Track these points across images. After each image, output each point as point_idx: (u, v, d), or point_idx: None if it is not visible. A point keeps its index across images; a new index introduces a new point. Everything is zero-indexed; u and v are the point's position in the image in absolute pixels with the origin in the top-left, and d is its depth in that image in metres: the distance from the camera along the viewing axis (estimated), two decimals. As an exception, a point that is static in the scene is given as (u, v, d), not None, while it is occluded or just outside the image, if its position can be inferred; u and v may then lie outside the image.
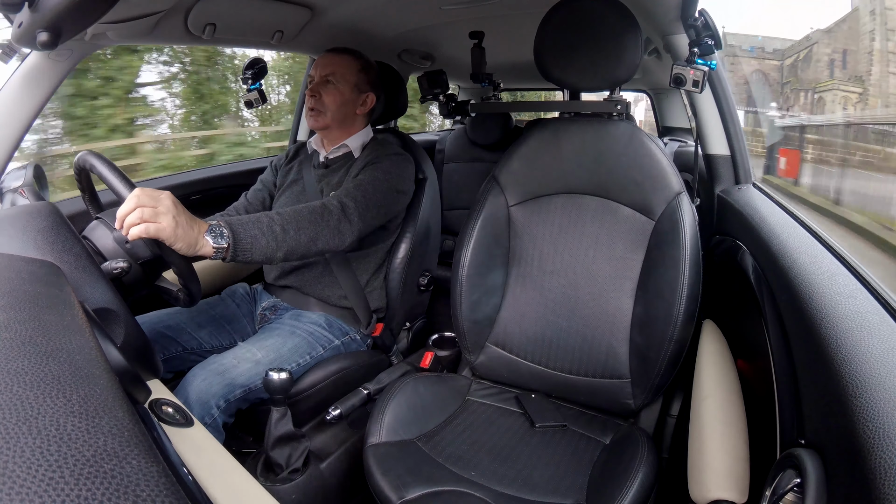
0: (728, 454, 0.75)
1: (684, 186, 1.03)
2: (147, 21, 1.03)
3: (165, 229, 0.76)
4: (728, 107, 1.21)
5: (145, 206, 0.75)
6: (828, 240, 0.83)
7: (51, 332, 0.38)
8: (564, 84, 1.12)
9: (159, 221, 0.76)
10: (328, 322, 1.18)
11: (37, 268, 0.51)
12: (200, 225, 0.82)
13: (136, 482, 0.27)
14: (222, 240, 0.84)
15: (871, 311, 0.59)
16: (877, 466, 0.40)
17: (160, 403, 0.60)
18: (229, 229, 0.85)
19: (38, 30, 0.59)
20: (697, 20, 0.99)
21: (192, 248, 0.80)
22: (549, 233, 1.11)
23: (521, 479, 0.89)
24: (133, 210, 0.75)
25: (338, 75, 1.20)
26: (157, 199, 0.77)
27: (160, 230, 0.76)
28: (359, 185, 1.10)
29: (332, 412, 1.07)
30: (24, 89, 1.02)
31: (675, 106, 2.68)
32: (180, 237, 0.78)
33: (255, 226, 0.89)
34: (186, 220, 0.79)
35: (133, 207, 0.75)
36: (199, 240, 0.81)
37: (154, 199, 0.76)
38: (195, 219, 0.82)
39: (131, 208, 0.75)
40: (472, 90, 2.86)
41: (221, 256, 0.85)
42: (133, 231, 0.75)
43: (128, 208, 0.75)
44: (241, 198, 1.32)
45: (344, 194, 1.06)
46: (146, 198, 0.76)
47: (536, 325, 1.11)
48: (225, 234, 0.84)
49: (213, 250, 0.83)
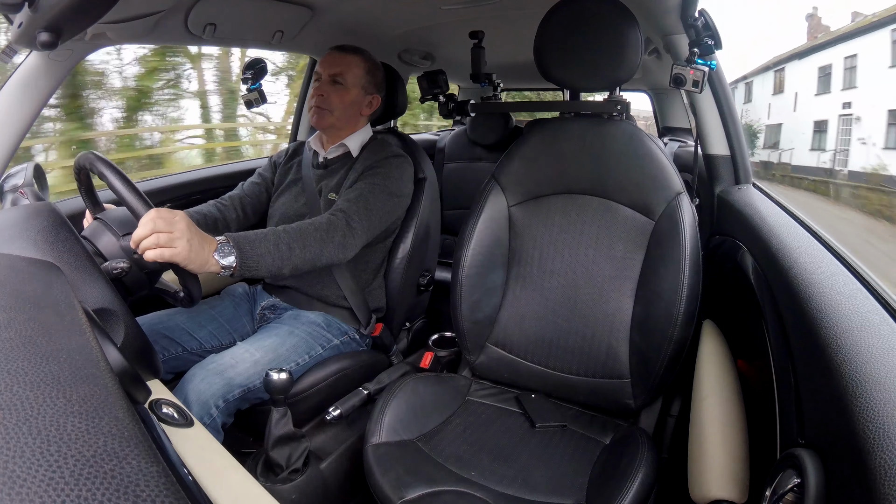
0: (728, 454, 0.75)
1: (684, 186, 1.03)
2: (147, 21, 1.03)
3: (180, 254, 0.79)
4: (728, 107, 1.21)
5: (161, 232, 0.78)
6: (828, 240, 0.83)
7: (51, 332, 0.38)
8: (564, 84, 1.12)
9: (175, 246, 0.78)
10: (327, 322, 1.18)
11: (37, 268, 0.51)
12: (210, 244, 0.85)
13: (136, 482, 0.27)
14: (230, 259, 0.86)
15: (871, 311, 0.59)
16: (877, 466, 0.40)
17: (160, 403, 0.60)
18: (237, 249, 0.87)
19: (38, 30, 0.59)
20: (697, 20, 0.99)
21: (202, 268, 0.83)
22: (549, 233, 1.11)
23: (521, 479, 0.89)
24: (149, 235, 0.77)
25: (346, 75, 1.19)
26: (172, 224, 0.79)
27: (175, 255, 0.79)
28: (360, 195, 1.11)
29: (332, 412, 1.07)
30: (24, 89, 1.02)
31: (675, 106, 2.68)
32: (193, 259, 0.81)
33: (261, 245, 0.91)
34: (199, 241, 0.82)
35: (149, 233, 0.77)
36: (209, 259, 0.84)
37: (169, 224, 0.78)
38: (205, 237, 0.84)
39: (147, 233, 0.77)
40: (472, 90, 2.86)
41: (229, 274, 0.87)
42: (149, 254, 0.78)
43: (144, 233, 0.78)
44: (238, 187, 1.32)
45: (347, 207, 1.07)
46: (162, 222, 0.78)
47: (536, 326, 1.11)
48: (233, 254, 0.87)
49: (221, 269, 0.86)
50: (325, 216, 1.04)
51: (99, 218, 0.91)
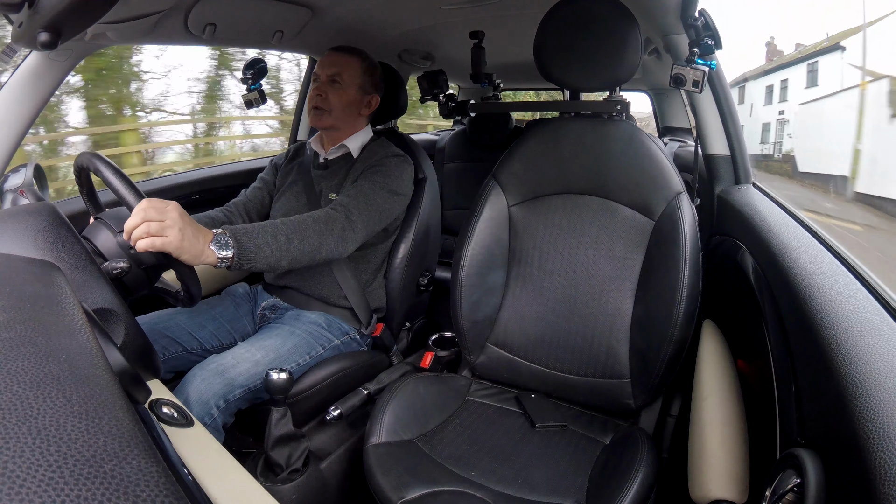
0: (728, 454, 0.75)
1: (684, 186, 1.03)
2: (147, 21, 1.03)
3: (172, 242, 0.77)
4: (728, 107, 1.21)
5: (152, 221, 0.77)
6: (828, 240, 0.83)
7: (51, 332, 0.38)
8: (564, 84, 1.12)
9: (166, 235, 0.77)
10: (328, 322, 1.18)
11: (37, 268, 0.51)
12: (206, 235, 0.83)
13: (136, 482, 0.27)
14: (227, 250, 0.85)
15: (871, 311, 0.59)
16: (877, 466, 0.40)
17: (160, 403, 0.60)
18: (234, 240, 0.86)
19: (38, 30, 0.59)
20: (697, 20, 0.99)
21: (198, 259, 0.82)
22: (549, 233, 1.11)
23: (521, 479, 0.89)
24: (140, 224, 0.76)
25: (344, 76, 1.20)
26: (163, 213, 0.78)
27: (166, 244, 0.77)
28: (360, 191, 1.11)
29: (332, 412, 1.07)
30: (24, 89, 1.02)
31: (675, 106, 2.68)
32: (186, 249, 0.79)
33: (259, 235, 0.90)
34: (192, 231, 0.81)
35: (140, 222, 0.76)
36: (205, 250, 0.82)
37: (161, 213, 0.77)
38: (201, 229, 0.83)
39: (138, 222, 0.76)
40: (472, 90, 2.86)
41: (226, 265, 0.86)
42: (140, 244, 0.77)
43: (135, 222, 0.77)
44: (241, 194, 1.32)
45: (347, 202, 1.07)
46: (153, 211, 0.77)
47: (536, 325, 1.11)
48: (230, 245, 0.85)
49: (218, 260, 0.84)
50: (325, 210, 1.04)
51: (99, 218, 0.91)
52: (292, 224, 0.96)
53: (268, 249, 0.90)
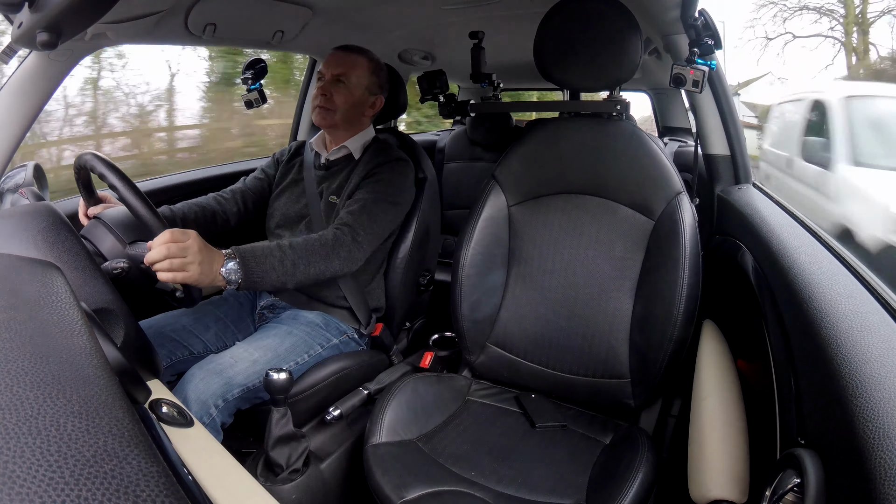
0: (728, 454, 0.75)
1: (684, 186, 1.03)
2: (147, 21, 1.03)
3: (192, 277, 0.84)
4: (728, 107, 1.21)
5: (174, 258, 0.82)
6: (828, 240, 0.83)
7: (51, 332, 0.38)
8: (564, 84, 1.12)
9: (187, 270, 0.83)
10: (325, 322, 1.18)
11: (37, 268, 0.51)
12: (218, 260, 0.89)
13: (136, 482, 0.27)
14: (235, 275, 0.91)
15: (871, 311, 0.59)
16: (877, 466, 0.40)
17: (160, 403, 0.60)
18: (242, 265, 0.91)
19: (38, 30, 0.59)
20: (697, 20, 0.99)
21: (210, 284, 0.88)
22: (549, 233, 1.11)
23: (521, 479, 0.89)
24: (163, 260, 0.81)
25: (350, 76, 1.19)
26: (185, 249, 0.83)
27: (187, 278, 0.84)
28: (363, 206, 1.12)
29: (332, 412, 1.07)
30: (24, 89, 1.02)
31: (676, 106, 2.69)
32: (202, 280, 0.86)
33: (267, 260, 0.94)
34: (209, 262, 0.87)
35: (163, 258, 0.81)
36: (217, 277, 0.89)
37: (182, 249, 0.82)
38: (214, 255, 0.88)
39: (161, 258, 0.81)
40: (472, 90, 2.86)
41: (234, 288, 0.92)
42: (162, 276, 0.83)
43: (157, 258, 0.81)
44: (240, 181, 1.33)
45: (352, 221, 1.09)
46: (175, 247, 0.82)
47: (536, 325, 1.10)
48: (238, 272, 0.91)
49: (227, 284, 0.91)
50: (332, 231, 1.06)
51: (98, 217, 0.91)
52: (299, 248, 0.99)
53: (274, 275, 0.95)
